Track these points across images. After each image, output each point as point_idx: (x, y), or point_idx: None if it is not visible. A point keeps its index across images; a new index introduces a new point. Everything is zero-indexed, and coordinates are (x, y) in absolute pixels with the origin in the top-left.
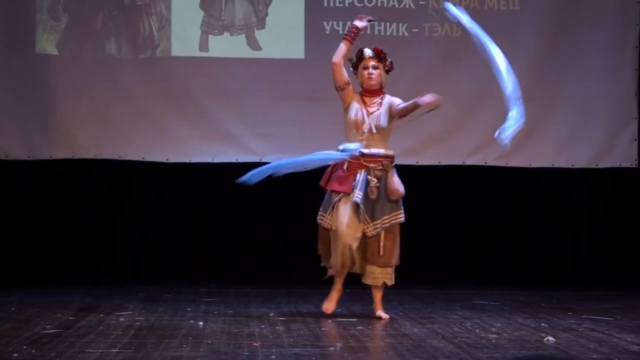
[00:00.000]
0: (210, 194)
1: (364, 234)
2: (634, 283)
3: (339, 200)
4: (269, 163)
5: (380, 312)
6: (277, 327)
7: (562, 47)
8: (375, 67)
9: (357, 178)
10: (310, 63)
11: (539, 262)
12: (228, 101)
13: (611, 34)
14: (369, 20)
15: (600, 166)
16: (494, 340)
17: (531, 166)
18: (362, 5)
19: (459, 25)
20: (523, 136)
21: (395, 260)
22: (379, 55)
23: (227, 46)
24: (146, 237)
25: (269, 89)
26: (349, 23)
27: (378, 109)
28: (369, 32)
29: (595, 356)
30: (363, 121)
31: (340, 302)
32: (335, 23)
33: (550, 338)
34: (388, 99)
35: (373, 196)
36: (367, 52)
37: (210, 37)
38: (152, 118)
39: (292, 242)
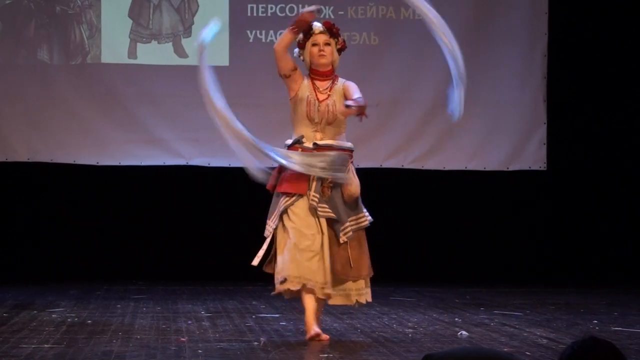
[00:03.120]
0: (138, 196)
1: (336, 242)
2: (541, 280)
3: (292, 204)
4: (195, 166)
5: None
6: (204, 323)
7: (475, 57)
8: (326, 44)
9: (312, 176)
10: (235, 70)
11: (452, 260)
12: (156, 106)
13: (521, 43)
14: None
15: (510, 169)
16: (410, 335)
17: (445, 169)
18: (284, 15)
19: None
20: (438, 140)
21: (366, 269)
22: (331, 30)
23: (154, 53)
24: (77, 236)
25: (196, 94)
26: (271, 32)
27: (329, 97)
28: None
29: (506, 349)
30: (318, 110)
31: (264, 299)
32: (258, 32)
33: (464, 332)
34: (342, 82)
35: (324, 198)
36: (317, 25)
37: (139, 45)
38: (83, 122)
39: (217, 241)
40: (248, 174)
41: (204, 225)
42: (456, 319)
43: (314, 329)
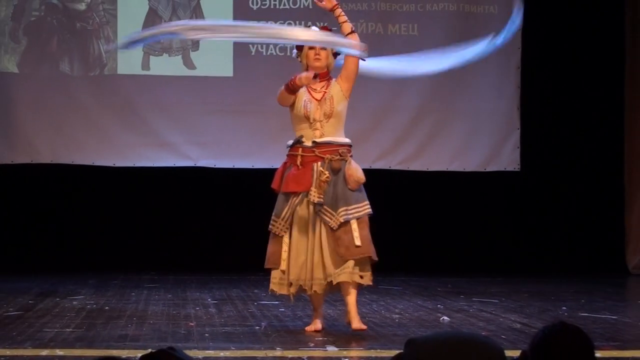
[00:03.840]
0: (151, 194)
1: (330, 234)
2: (516, 270)
3: (297, 202)
4: (202, 167)
5: (356, 324)
6: (210, 309)
7: (457, 70)
8: (322, 48)
9: (314, 172)
10: (238, 80)
11: (436, 252)
12: (167, 113)
13: (498, 58)
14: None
15: (488, 170)
16: (397, 320)
17: (429, 170)
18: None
19: None
20: (422, 144)
21: (372, 250)
22: None
23: (165, 65)
24: (95, 230)
25: (203, 102)
26: (271, 46)
27: (325, 94)
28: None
29: (484, 333)
30: (315, 109)
31: (265, 287)
32: (259, 46)
33: (445, 318)
34: (335, 81)
35: (322, 190)
36: (314, 29)
37: (152, 57)
38: (100, 128)
39: (222, 235)
40: None
41: (210, 221)
42: (438, 305)
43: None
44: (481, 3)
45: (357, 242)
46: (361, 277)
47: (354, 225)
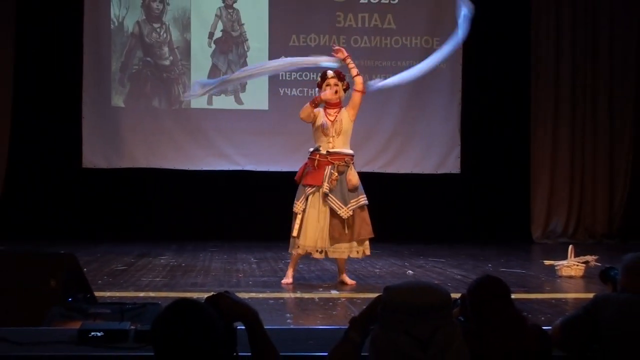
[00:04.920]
0: (211, 188)
1: (333, 217)
2: (457, 239)
3: (312, 192)
4: (248, 170)
5: (345, 278)
6: (253, 266)
7: (418, 104)
8: (336, 84)
9: (325, 173)
10: (272, 112)
11: (404, 226)
12: (223, 134)
13: (445, 96)
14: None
15: (439, 172)
16: (377, 273)
17: (399, 172)
18: (301, 79)
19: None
20: (394, 155)
21: (371, 230)
22: (339, 76)
23: (223, 102)
24: (175, 212)
25: (248, 127)
26: (293, 89)
27: (337, 117)
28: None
29: (436, 282)
30: (329, 127)
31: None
32: (287, 89)
33: (410, 271)
34: (345, 109)
35: (332, 186)
36: (330, 73)
37: (214, 97)
38: (178, 144)
39: (262, 215)
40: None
41: (252, 206)
42: (405, 263)
43: (284, 280)
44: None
45: (346, 230)
46: (357, 252)
47: (356, 212)
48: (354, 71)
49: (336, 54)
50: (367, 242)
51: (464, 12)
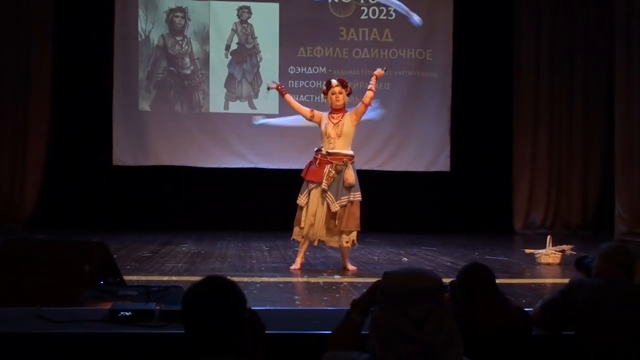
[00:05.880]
0: (228, 184)
1: (329, 210)
2: (447, 229)
3: (314, 187)
4: (260, 168)
5: (348, 265)
6: (264, 253)
7: (413, 108)
8: (340, 92)
9: (325, 171)
10: (281, 116)
11: (399, 219)
12: (239, 135)
13: (437, 102)
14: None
15: (431, 170)
16: (376, 259)
17: (396, 170)
18: (308, 86)
19: None
20: (391, 154)
21: (358, 224)
22: (342, 83)
23: (238, 107)
24: (195, 205)
25: (260, 128)
26: (301, 96)
27: (340, 121)
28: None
29: (428, 268)
30: (331, 130)
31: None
32: (295, 96)
33: (405, 258)
34: (348, 113)
35: (329, 183)
36: (334, 81)
37: (230, 102)
38: (199, 144)
39: (273, 207)
40: None
41: (264, 200)
42: (401, 251)
43: (293, 267)
44: (427, 70)
45: (337, 222)
46: (347, 242)
47: (348, 206)
48: (372, 86)
49: (377, 73)
50: (354, 234)
51: None
